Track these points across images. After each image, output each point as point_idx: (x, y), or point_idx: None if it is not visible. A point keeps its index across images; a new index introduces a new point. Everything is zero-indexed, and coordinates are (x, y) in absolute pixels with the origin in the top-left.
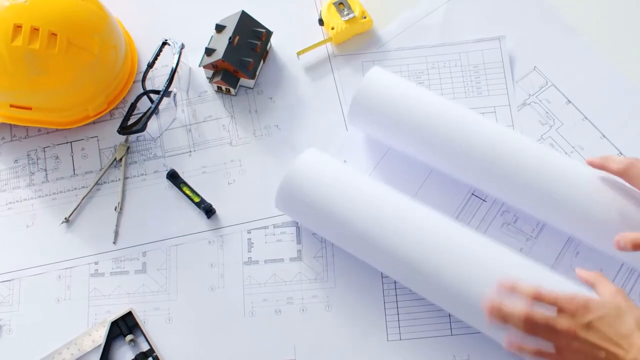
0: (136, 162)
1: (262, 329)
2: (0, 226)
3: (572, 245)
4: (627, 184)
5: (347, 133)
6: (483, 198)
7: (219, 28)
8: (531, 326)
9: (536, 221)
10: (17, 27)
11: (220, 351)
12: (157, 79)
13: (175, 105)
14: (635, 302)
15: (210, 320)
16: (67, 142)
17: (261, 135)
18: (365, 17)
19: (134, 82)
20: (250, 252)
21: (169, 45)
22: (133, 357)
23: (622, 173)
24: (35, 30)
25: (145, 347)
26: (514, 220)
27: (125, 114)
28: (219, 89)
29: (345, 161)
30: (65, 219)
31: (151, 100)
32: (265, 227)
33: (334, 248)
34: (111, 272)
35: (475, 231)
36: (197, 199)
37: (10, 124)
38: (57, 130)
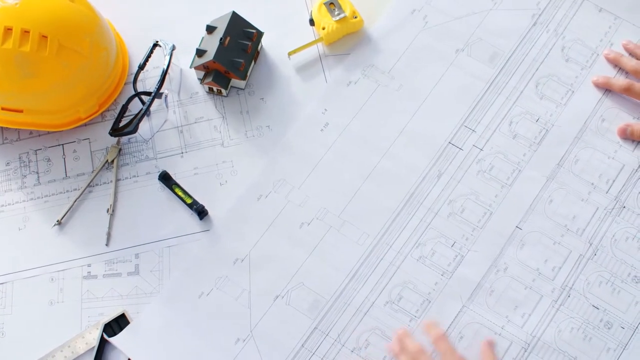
0: (128, 163)
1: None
2: None
3: (547, 190)
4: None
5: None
6: (460, 146)
7: (210, 29)
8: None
9: (511, 169)
10: (8, 30)
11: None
12: (148, 81)
13: (167, 106)
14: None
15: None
16: (58, 145)
17: (253, 136)
18: (356, 17)
19: (125, 84)
20: None
21: (160, 46)
22: (126, 359)
23: (626, 90)
24: (25, 32)
25: None
26: (489, 168)
27: (116, 115)
28: (210, 90)
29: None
30: (58, 221)
31: (142, 102)
32: None
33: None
34: (104, 274)
35: None
36: (189, 200)
37: (1, 127)
38: (48, 132)
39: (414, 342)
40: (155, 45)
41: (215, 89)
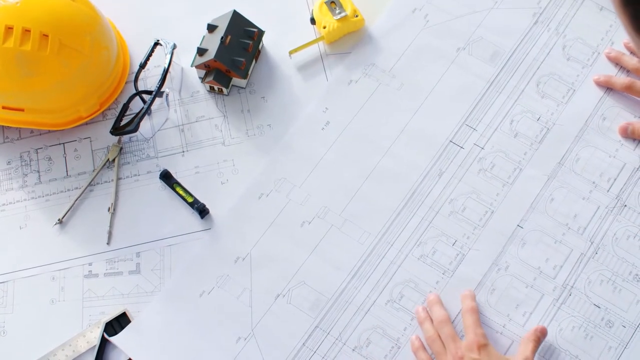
0: (129, 162)
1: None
2: None
3: (548, 189)
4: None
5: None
6: (461, 145)
7: (211, 28)
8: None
9: (513, 167)
10: (9, 29)
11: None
12: (149, 80)
13: (168, 105)
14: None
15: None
16: (59, 144)
17: (254, 134)
18: (357, 16)
19: (126, 83)
20: None
21: (161, 45)
22: (127, 358)
23: (627, 88)
24: (26, 31)
25: None
26: (490, 167)
27: (117, 114)
28: (212, 89)
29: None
30: (59, 220)
31: (143, 101)
32: None
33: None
34: (105, 273)
35: None
36: (190, 199)
37: (2, 126)
38: (49, 131)
39: (441, 310)
40: (156, 44)
41: (216, 87)
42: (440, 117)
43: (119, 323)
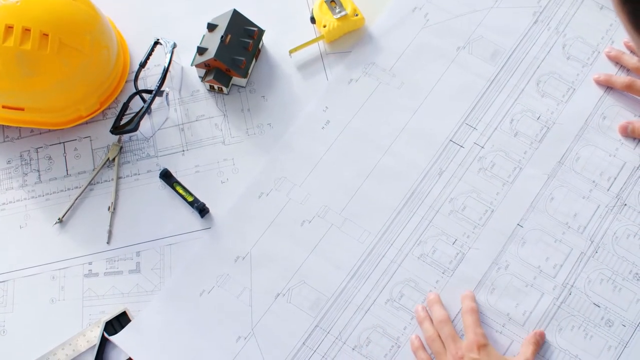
0: (129, 161)
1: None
2: None
3: (548, 188)
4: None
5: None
6: (461, 144)
7: (211, 27)
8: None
9: (513, 166)
10: (9, 28)
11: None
12: (149, 79)
13: (168, 104)
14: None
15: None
16: (59, 143)
17: (254, 133)
18: (357, 15)
19: (126, 82)
20: None
21: (161, 44)
22: (127, 357)
23: (627, 87)
24: (26, 30)
25: None
26: (490, 166)
27: (117, 113)
28: (212, 88)
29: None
30: (59, 219)
31: (143, 100)
32: None
33: None
34: (105, 272)
35: None
36: (190, 198)
37: (2, 125)
38: (49, 130)
39: (441, 310)
40: (156, 43)
41: (216, 86)
42: (441, 116)
43: (119, 322)
